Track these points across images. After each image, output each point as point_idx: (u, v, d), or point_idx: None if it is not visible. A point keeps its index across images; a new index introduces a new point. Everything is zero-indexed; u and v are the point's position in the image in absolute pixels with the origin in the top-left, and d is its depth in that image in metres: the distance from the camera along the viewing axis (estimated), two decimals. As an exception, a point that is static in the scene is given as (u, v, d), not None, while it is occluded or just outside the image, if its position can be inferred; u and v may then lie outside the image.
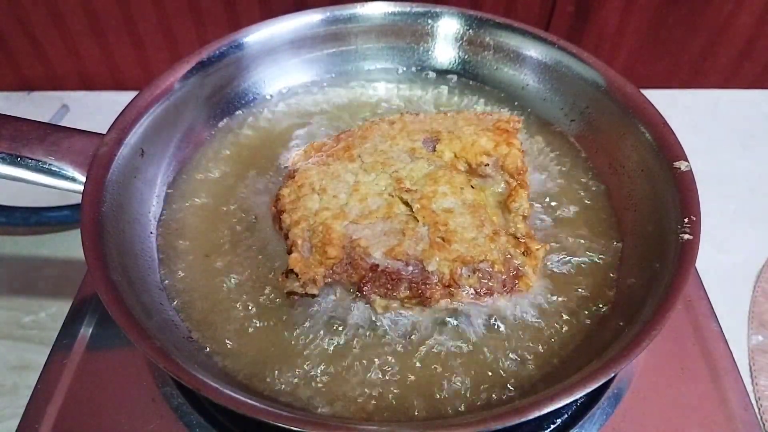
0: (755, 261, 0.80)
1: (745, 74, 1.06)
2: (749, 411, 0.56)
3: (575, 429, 0.54)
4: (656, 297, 0.50)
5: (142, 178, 0.62)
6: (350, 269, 0.54)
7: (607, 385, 0.56)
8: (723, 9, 0.97)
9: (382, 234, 0.54)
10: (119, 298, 0.49)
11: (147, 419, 0.54)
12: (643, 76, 1.07)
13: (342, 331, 0.54)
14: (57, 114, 1.01)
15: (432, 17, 0.77)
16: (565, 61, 0.71)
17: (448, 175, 0.59)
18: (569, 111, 0.72)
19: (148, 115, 0.63)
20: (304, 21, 0.75)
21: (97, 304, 0.62)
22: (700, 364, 0.59)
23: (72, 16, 0.97)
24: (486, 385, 0.51)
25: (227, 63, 0.72)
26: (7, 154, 0.57)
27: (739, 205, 0.88)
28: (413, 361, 0.53)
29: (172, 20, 0.99)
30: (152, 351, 0.45)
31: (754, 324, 0.72)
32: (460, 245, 0.54)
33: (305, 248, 0.54)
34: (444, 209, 0.56)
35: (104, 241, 0.53)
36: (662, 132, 0.61)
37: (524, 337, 0.54)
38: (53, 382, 0.56)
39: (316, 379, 0.51)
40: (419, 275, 0.53)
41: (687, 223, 0.53)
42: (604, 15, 0.99)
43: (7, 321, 0.72)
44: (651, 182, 0.61)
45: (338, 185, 0.59)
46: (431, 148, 0.63)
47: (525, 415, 0.42)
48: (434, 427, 0.47)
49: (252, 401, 0.44)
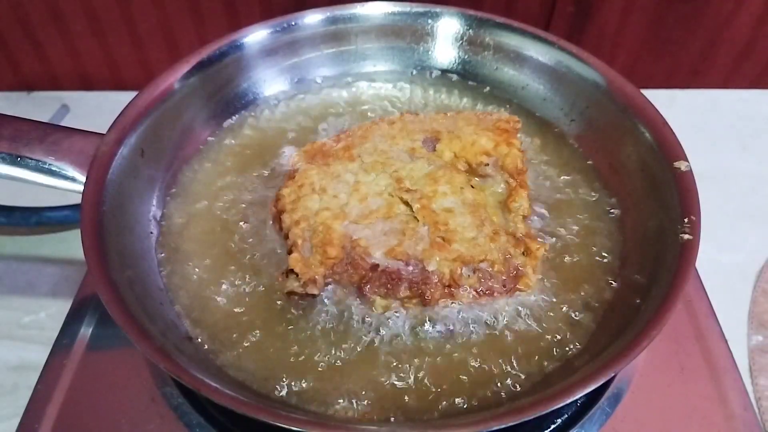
0: (755, 261, 0.80)
1: (745, 74, 1.06)
2: (749, 411, 0.56)
3: (575, 429, 0.54)
4: (656, 297, 0.50)
5: (142, 178, 0.62)
6: (350, 269, 0.54)
7: (607, 385, 0.56)
8: (723, 9, 0.97)
9: (382, 234, 0.55)
10: (119, 298, 0.49)
11: (147, 419, 0.54)
12: (643, 76, 1.07)
13: (342, 330, 0.54)
14: (57, 114, 1.01)
15: (432, 17, 0.77)
16: (565, 61, 0.71)
17: (448, 175, 0.59)
18: (569, 111, 0.72)
19: (148, 115, 0.63)
20: (304, 21, 0.74)
21: (97, 304, 0.62)
22: (700, 364, 0.59)
23: (72, 16, 0.97)
24: (486, 385, 0.51)
25: (227, 63, 0.71)
26: (7, 154, 0.57)
27: (739, 205, 0.87)
28: (414, 360, 0.53)
29: (172, 20, 0.99)
30: (152, 351, 0.45)
31: (754, 324, 0.72)
32: (461, 245, 0.54)
33: (305, 248, 0.54)
34: (444, 209, 0.56)
35: (104, 241, 0.53)
36: (662, 132, 0.61)
37: (524, 337, 0.54)
38: (53, 382, 0.56)
39: (316, 378, 0.51)
40: (419, 275, 0.53)
41: (687, 223, 0.53)
42: (604, 15, 0.99)
43: (7, 321, 0.72)
44: (651, 182, 0.61)
45: (338, 185, 0.59)
46: (431, 147, 0.63)
47: (525, 415, 0.42)
48: (434, 426, 0.48)
49: (252, 401, 0.44)
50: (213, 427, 0.53)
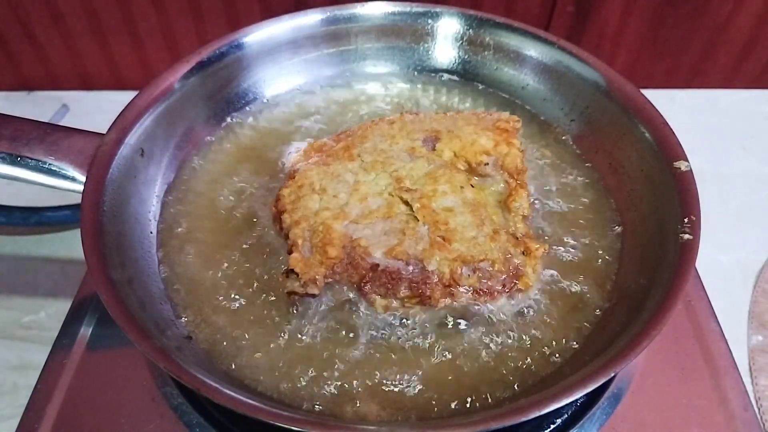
0: (755, 261, 0.80)
1: (745, 74, 1.06)
2: (749, 411, 0.56)
3: (575, 429, 0.54)
4: (656, 297, 0.50)
5: (142, 178, 0.62)
6: (351, 269, 0.54)
7: (607, 385, 0.56)
8: (723, 9, 0.97)
9: (382, 234, 0.54)
10: (119, 297, 0.49)
11: (147, 419, 0.54)
12: (643, 76, 1.07)
13: (342, 330, 0.54)
14: (57, 114, 1.01)
15: (432, 17, 0.77)
16: (565, 61, 0.71)
17: (448, 174, 0.59)
18: (569, 111, 0.72)
19: (148, 114, 0.63)
20: (304, 21, 0.75)
21: (97, 304, 0.62)
22: (700, 364, 0.59)
23: (72, 16, 0.97)
24: (486, 385, 0.51)
25: (227, 63, 0.71)
26: (7, 153, 0.57)
27: (739, 205, 0.87)
28: (414, 360, 0.53)
29: (172, 20, 0.99)
30: (152, 351, 0.45)
31: (754, 324, 0.72)
32: (461, 244, 0.54)
33: (306, 248, 0.54)
34: (444, 208, 0.56)
35: (104, 241, 0.53)
36: (662, 132, 0.61)
37: (523, 337, 0.54)
38: (53, 382, 0.56)
39: (316, 378, 0.51)
40: (419, 274, 0.53)
41: (687, 222, 0.53)
42: (604, 15, 0.99)
43: (7, 321, 0.72)
44: (651, 182, 0.61)
45: (338, 185, 0.59)
46: (431, 147, 0.63)
47: (525, 414, 0.42)
48: (434, 426, 0.47)
49: (252, 401, 0.44)
50: (213, 427, 0.53)
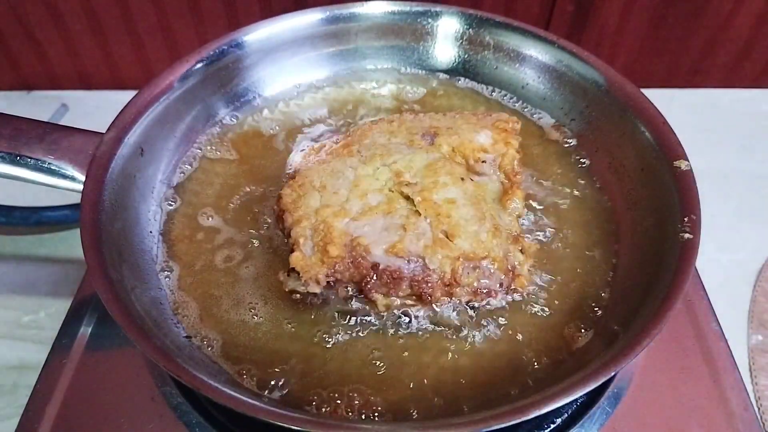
0: (755, 261, 0.80)
1: (745, 73, 1.06)
2: (749, 410, 0.56)
3: (575, 429, 0.54)
4: (656, 297, 0.50)
5: (142, 178, 0.62)
6: (352, 268, 0.53)
7: (607, 385, 0.56)
8: (723, 9, 0.97)
9: (382, 230, 0.54)
10: (119, 297, 0.49)
11: (146, 419, 0.54)
12: (643, 75, 1.07)
13: (342, 329, 0.54)
14: (56, 113, 1.01)
15: (432, 16, 0.77)
16: (565, 60, 0.71)
17: (448, 166, 0.59)
18: (569, 110, 0.72)
19: (148, 114, 0.63)
20: (304, 20, 0.74)
21: (97, 304, 0.62)
22: (700, 364, 0.59)
23: (72, 16, 0.97)
24: (486, 385, 0.51)
25: (227, 62, 0.71)
26: (7, 153, 0.57)
27: (739, 205, 0.87)
28: (414, 359, 0.53)
29: (172, 20, 0.99)
30: (152, 351, 0.45)
31: (754, 324, 0.72)
32: (464, 240, 0.53)
33: (307, 247, 0.54)
34: (446, 200, 0.56)
35: (104, 240, 0.53)
36: (662, 131, 0.61)
37: (523, 337, 0.54)
38: (53, 382, 0.56)
39: (316, 378, 0.51)
40: (420, 273, 0.53)
41: (687, 222, 0.53)
42: (604, 15, 0.99)
43: (7, 321, 0.72)
44: (651, 182, 0.61)
45: (338, 181, 0.59)
46: (429, 141, 0.63)
47: (525, 414, 0.42)
48: (434, 426, 0.47)
49: (252, 401, 0.44)
50: (213, 427, 0.53)
